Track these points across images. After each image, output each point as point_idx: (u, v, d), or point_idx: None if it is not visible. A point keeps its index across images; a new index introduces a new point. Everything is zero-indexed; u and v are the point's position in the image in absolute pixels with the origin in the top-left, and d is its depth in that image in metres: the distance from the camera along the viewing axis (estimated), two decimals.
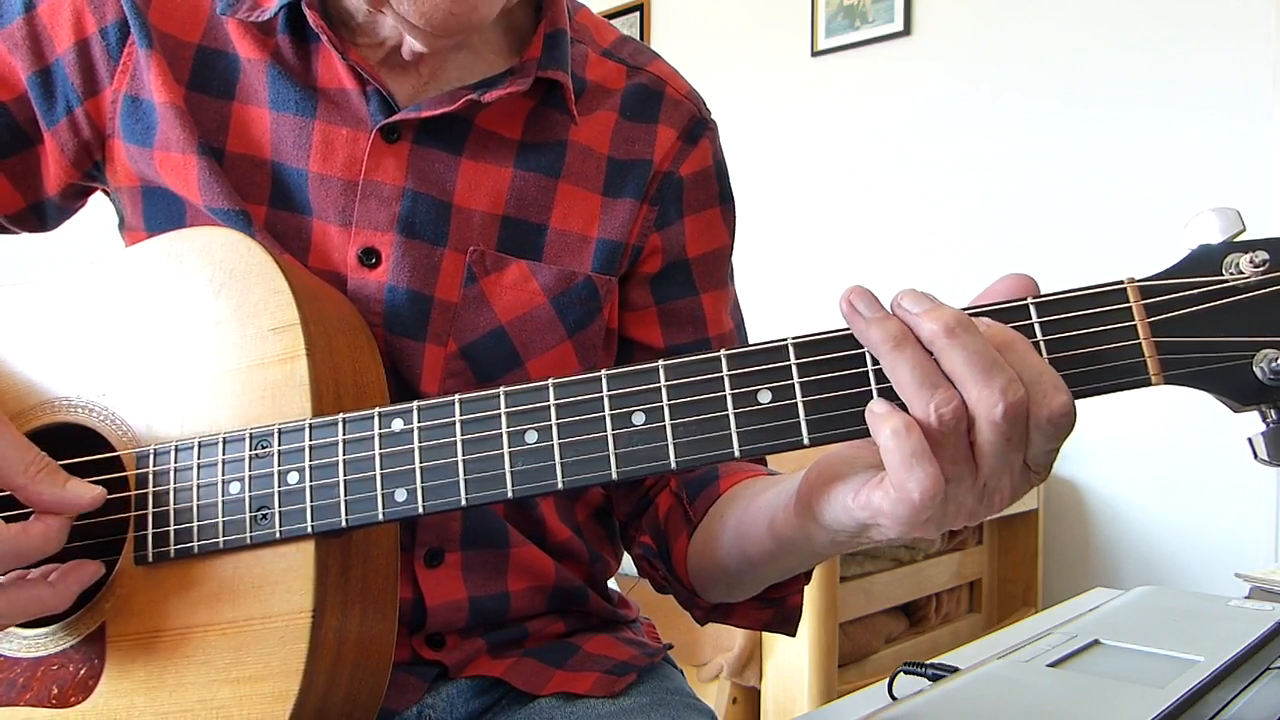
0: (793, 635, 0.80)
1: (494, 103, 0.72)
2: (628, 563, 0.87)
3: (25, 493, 0.57)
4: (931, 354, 0.48)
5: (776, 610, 0.78)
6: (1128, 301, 0.49)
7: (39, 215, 0.79)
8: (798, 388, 0.51)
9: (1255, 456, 0.50)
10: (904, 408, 0.49)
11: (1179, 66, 2.42)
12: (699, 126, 0.83)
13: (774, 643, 1.88)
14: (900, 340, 0.48)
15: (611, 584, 0.89)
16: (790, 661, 1.85)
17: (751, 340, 0.85)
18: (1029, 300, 0.50)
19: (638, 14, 3.53)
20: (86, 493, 0.59)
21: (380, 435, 0.57)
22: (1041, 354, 0.49)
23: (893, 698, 0.85)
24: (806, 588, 0.78)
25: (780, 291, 3.04)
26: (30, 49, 0.73)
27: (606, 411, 0.53)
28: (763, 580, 0.71)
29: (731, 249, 0.86)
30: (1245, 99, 2.33)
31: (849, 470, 0.55)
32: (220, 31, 0.74)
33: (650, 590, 0.86)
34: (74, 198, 0.79)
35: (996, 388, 0.47)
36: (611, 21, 3.08)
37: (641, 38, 3.49)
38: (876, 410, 0.49)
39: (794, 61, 3.11)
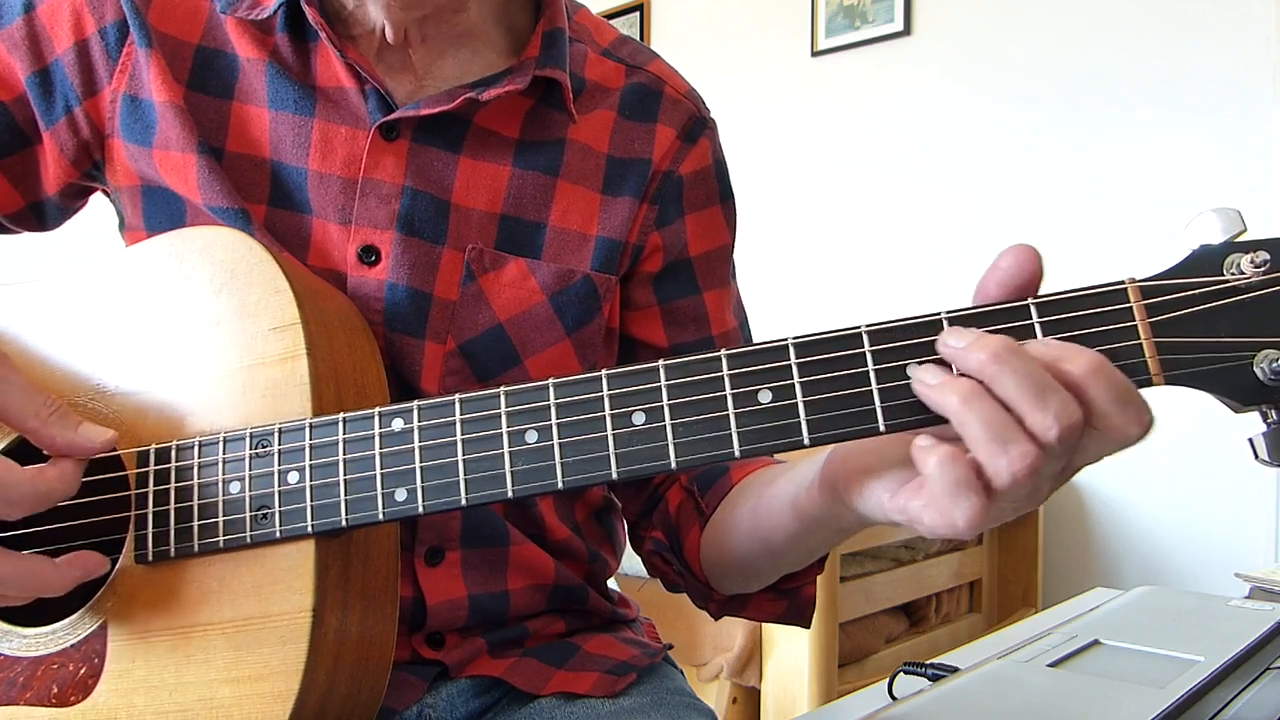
0: (806, 627, 0.80)
1: (492, 101, 0.72)
2: (632, 564, 0.87)
3: (38, 435, 0.57)
4: (994, 395, 0.47)
5: (790, 601, 0.78)
6: (1128, 301, 0.49)
7: (38, 215, 0.79)
8: (798, 387, 0.51)
9: (1256, 457, 0.50)
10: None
11: (1179, 66, 2.42)
12: (698, 125, 0.83)
13: (774, 643, 1.89)
14: (969, 396, 0.47)
15: (611, 584, 0.89)
16: (790, 661, 1.85)
17: (754, 339, 0.85)
18: (1030, 301, 0.50)
19: (638, 14, 3.53)
20: (98, 436, 0.59)
21: (380, 435, 0.57)
22: None
23: (893, 698, 0.85)
24: None
25: (780, 291, 3.04)
26: (29, 49, 0.73)
27: (607, 411, 0.53)
28: (781, 566, 0.71)
29: (733, 247, 0.86)
30: (1245, 99, 2.33)
31: (879, 463, 0.54)
32: (220, 31, 0.74)
33: (650, 590, 0.86)
34: (73, 198, 0.79)
35: (1051, 412, 0.46)
36: (611, 21, 3.08)
37: (641, 38, 3.48)
38: (921, 444, 0.49)
39: (794, 61, 3.11)
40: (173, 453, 0.61)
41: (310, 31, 0.73)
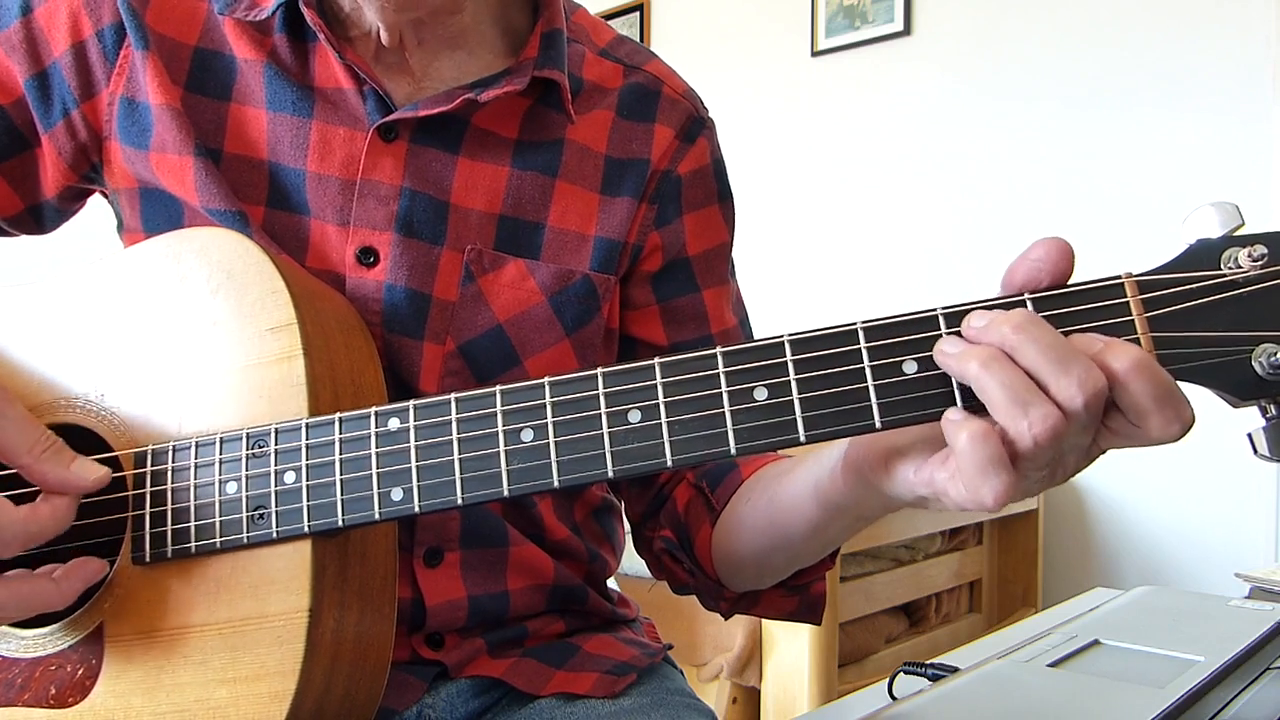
0: (817, 624, 0.80)
1: (490, 102, 0.72)
2: (636, 565, 0.86)
3: (30, 472, 0.57)
4: (1017, 363, 0.47)
5: (802, 598, 0.77)
6: (1125, 296, 0.49)
7: (37, 218, 0.79)
8: (794, 385, 0.51)
9: (1255, 452, 0.50)
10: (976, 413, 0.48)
11: (1179, 66, 2.42)
12: (696, 125, 0.83)
13: (774, 643, 1.88)
14: (989, 360, 0.47)
15: (611, 584, 0.89)
16: (790, 661, 1.85)
17: (755, 336, 0.85)
18: (1026, 296, 0.50)
19: (638, 14, 3.53)
20: (91, 473, 0.59)
21: (376, 434, 0.57)
22: None
23: (893, 698, 0.85)
24: None
25: (780, 291, 3.04)
26: (27, 52, 0.73)
27: (602, 409, 0.53)
28: (796, 560, 0.71)
29: (731, 245, 0.86)
30: (1245, 99, 2.33)
31: (905, 441, 0.54)
32: (217, 33, 0.74)
33: (655, 591, 0.86)
34: (72, 200, 0.79)
35: (1074, 377, 0.46)
36: (611, 21, 3.08)
37: (641, 38, 3.49)
38: (952, 418, 0.49)
39: (794, 61, 3.11)
40: (169, 454, 0.61)
41: (309, 32, 0.73)
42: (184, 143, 0.71)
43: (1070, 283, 0.50)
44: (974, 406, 0.49)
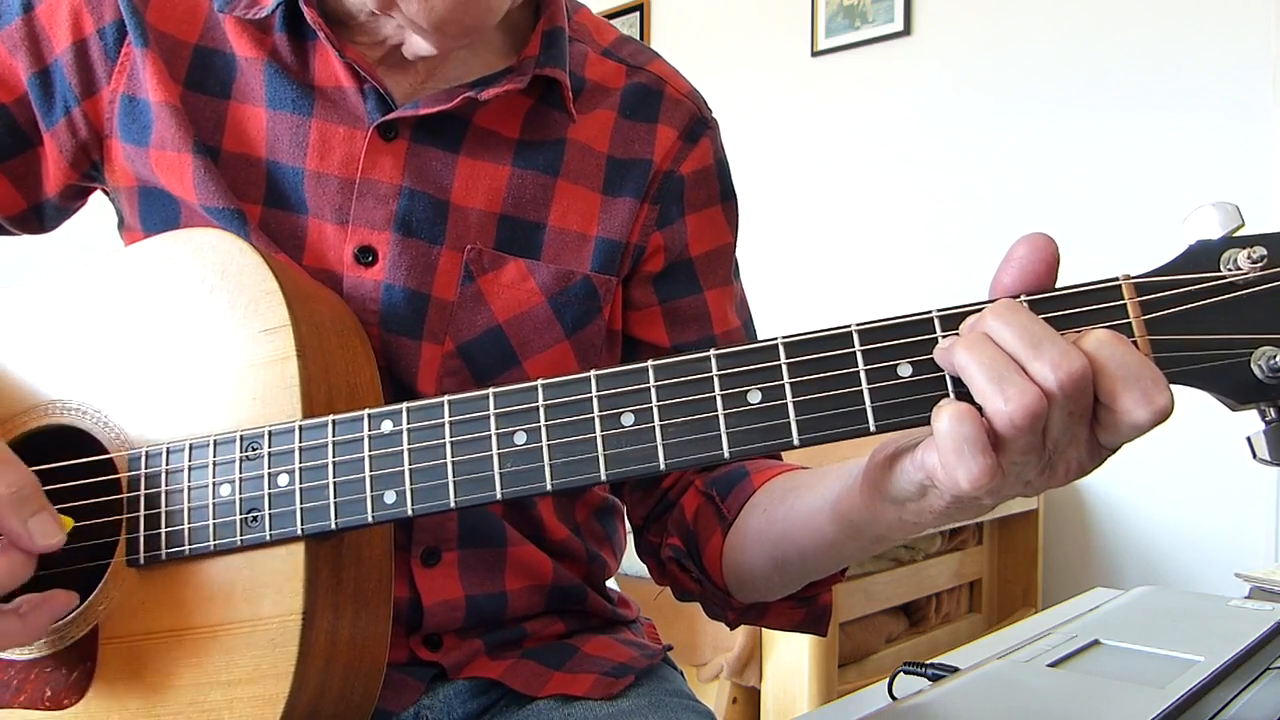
0: (823, 635, 0.79)
1: (491, 101, 0.72)
2: (640, 568, 0.85)
3: None
4: (999, 346, 0.47)
5: (809, 610, 0.77)
6: (1122, 299, 0.49)
7: (39, 216, 0.79)
8: (788, 388, 0.51)
9: (1254, 456, 0.49)
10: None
11: (1179, 65, 2.42)
12: (699, 126, 0.82)
13: (774, 643, 1.88)
14: (972, 343, 0.48)
15: (611, 584, 0.89)
16: (790, 661, 1.85)
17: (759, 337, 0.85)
18: (1023, 298, 0.50)
19: (638, 14, 3.53)
20: (44, 536, 0.56)
21: (370, 437, 0.57)
22: None
23: (893, 698, 0.85)
24: None
25: (781, 290, 3.04)
26: (29, 50, 0.73)
27: (596, 412, 0.53)
28: (808, 573, 0.70)
29: (735, 246, 0.86)
30: (1245, 99, 2.33)
31: (910, 440, 0.53)
32: (218, 31, 0.74)
33: (651, 590, 0.85)
34: (73, 198, 0.79)
35: (1048, 357, 0.46)
36: (611, 21, 3.08)
37: (641, 37, 3.48)
38: (941, 403, 0.49)
39: (794, 61, 3.10)
40: (164, 456, 0.61)
41: (309, 31, 0.72)
42: (183, 140, 0.71)
43: (1067, 285, 0.49)
44: (963, 395, 0.49)
